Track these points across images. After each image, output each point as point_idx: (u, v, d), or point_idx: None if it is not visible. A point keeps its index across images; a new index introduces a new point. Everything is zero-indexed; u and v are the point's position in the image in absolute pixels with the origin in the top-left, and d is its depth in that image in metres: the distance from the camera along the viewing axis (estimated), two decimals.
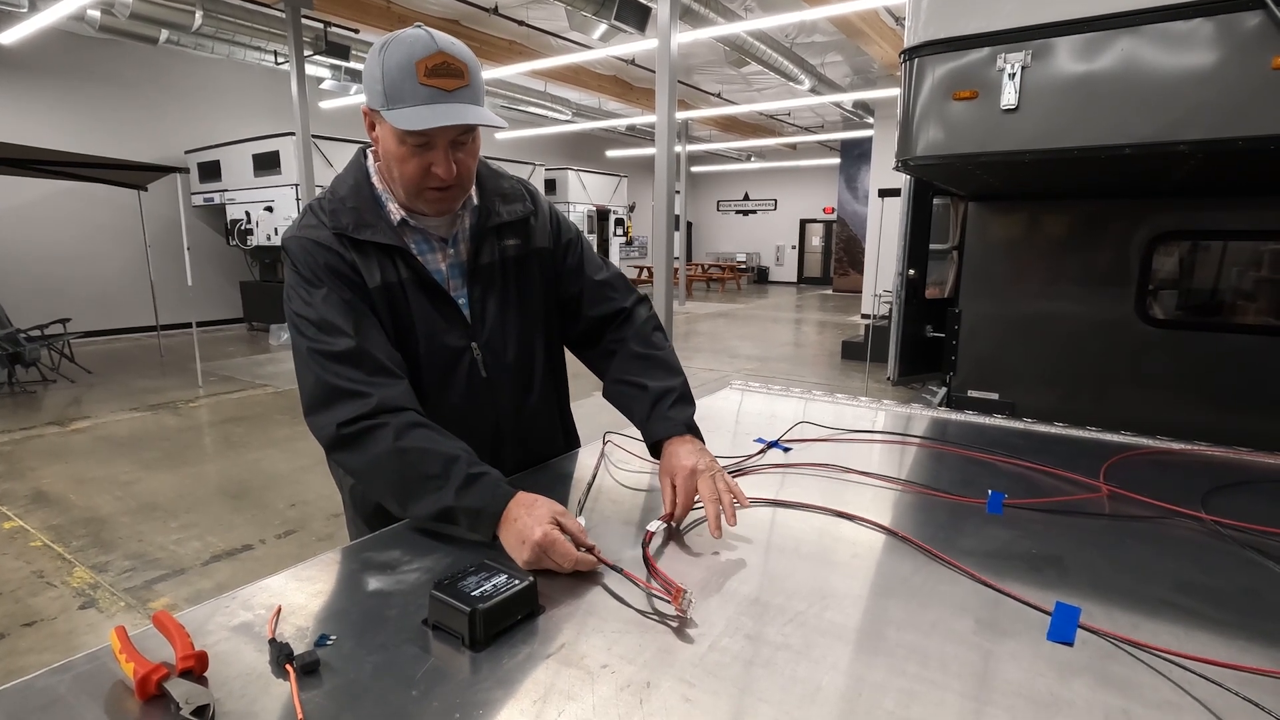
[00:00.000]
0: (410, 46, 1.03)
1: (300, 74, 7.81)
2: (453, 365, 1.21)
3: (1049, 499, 1.25)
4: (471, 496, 1.00)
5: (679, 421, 1.20)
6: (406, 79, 1.02)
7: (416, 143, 1.06)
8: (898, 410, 1.93)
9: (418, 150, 1.07)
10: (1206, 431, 1.72)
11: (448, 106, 1.03)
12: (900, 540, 1.08)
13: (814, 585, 0.95)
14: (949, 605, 0.89)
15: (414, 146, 1.06)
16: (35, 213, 9.60)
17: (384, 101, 1.04)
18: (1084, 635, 0.83)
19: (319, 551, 1.05)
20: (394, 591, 0.92)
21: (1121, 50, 1.71)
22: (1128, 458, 1.48)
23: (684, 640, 0.82)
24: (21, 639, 2.77)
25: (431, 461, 1.02)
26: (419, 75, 1.02)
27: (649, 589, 0.91)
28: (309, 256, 1.12)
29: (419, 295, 1.16)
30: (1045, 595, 0.91)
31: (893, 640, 0.82)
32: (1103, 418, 1.93)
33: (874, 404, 2.00)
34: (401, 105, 1.03)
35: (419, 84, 1.02)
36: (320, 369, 1.06)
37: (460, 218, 1.22)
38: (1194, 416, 2.50)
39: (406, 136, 1.05)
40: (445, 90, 1.03)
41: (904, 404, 2.01)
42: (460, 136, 1.08)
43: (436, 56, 1.02)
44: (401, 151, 1.07)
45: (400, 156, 1.08)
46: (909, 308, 3.49)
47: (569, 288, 1.35)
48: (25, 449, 5.23)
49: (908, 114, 2.03)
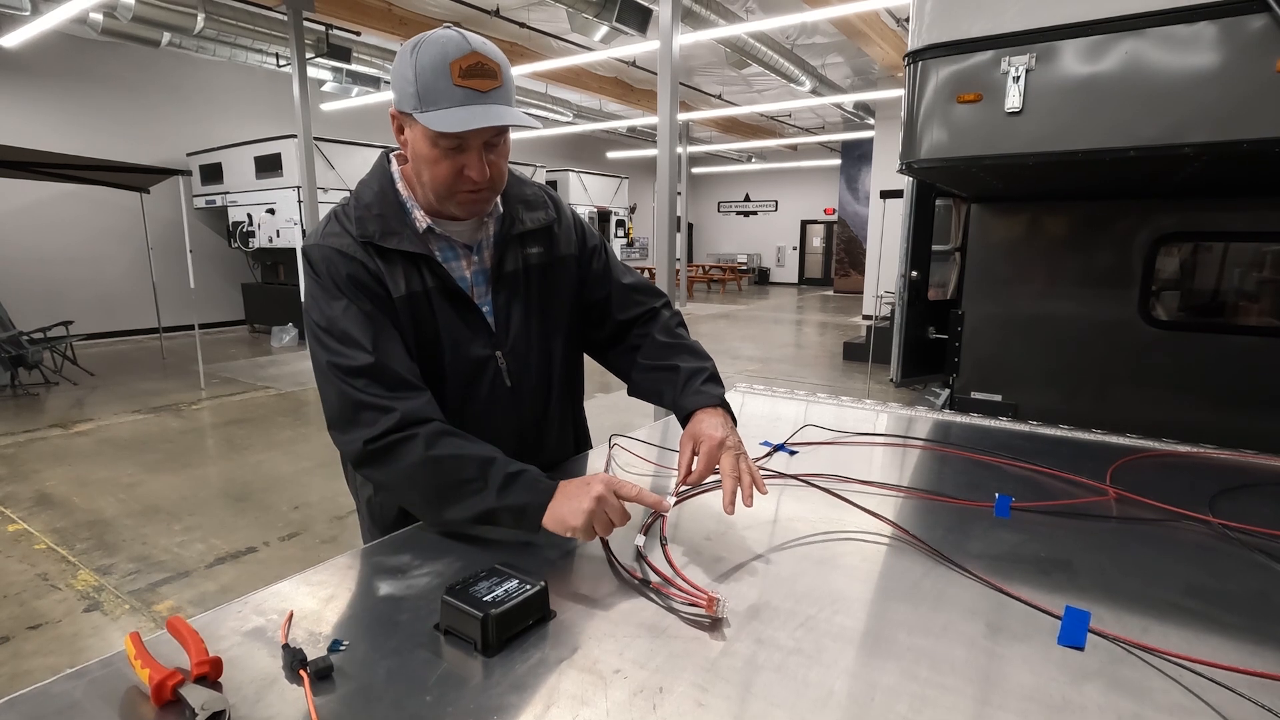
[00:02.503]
0: (443, 47, 1.01)
1: (302, 76, 7.82)
2: (477, 374, 1.20)
3: (1056, 502, 1.25)
4: (514, 495, 1.00)
5: (713, 395, 1.20)
6: (440, 80, 1.00)
7: (449, 145, 1.05)
8: (902, 413, 1.93)
9: (450, 153, 1.05)
10: (1211, 433, 1.72)
11: (484, 108, 1.02)
12: (909, 544, 1.08)
13: (823, 589, 0.95)
14: (959, 609, 0.90)
15: (446, 149, 1.05)
16: (38, 215, 9.63)
17: (417, 104, 1.03)
18: (1094, 639, 0.83)
19: (323, 554, 1.05)
20: (405, 596, 0.92)
21: (1126, 53, 1.71)
22: (1134, 460, 1.48)
23: (696, 645, 0.82)
24: (27, 642, 2.77)
25: (467, 466, 1.01)
26: (453, 76, 1.00)
27: (679, 597, 0.90)
28: (330, 266, 1.10)
29: (444, 304, 1.15)
30: (1055, 599, 0.91)
31: (904, 644, 0.82)
32: (1106, 419, 1.93)
33: (879, 407, 2.00)
34: (436, 107, 1.01)
35: (453, 85, 1.00)
36: (341, 384, 1.06)
37: (485, 224, 1.21)
38: (1198, 418, 2.50)
39: (439, 139, 1.04)
40: (480, 91, 1.02)
41: (908, 406, 2.01)
42: (493, 138, 1.07)
43: (471, 57, 1.01)
44: (434, 154, 1.06)
45: (432, 159, 1.06)
46: (911, 309, 3.49)
47: (596, 292, 1.35)
48: (28, 451, 5.24)
49: (912, 117, 2.03)
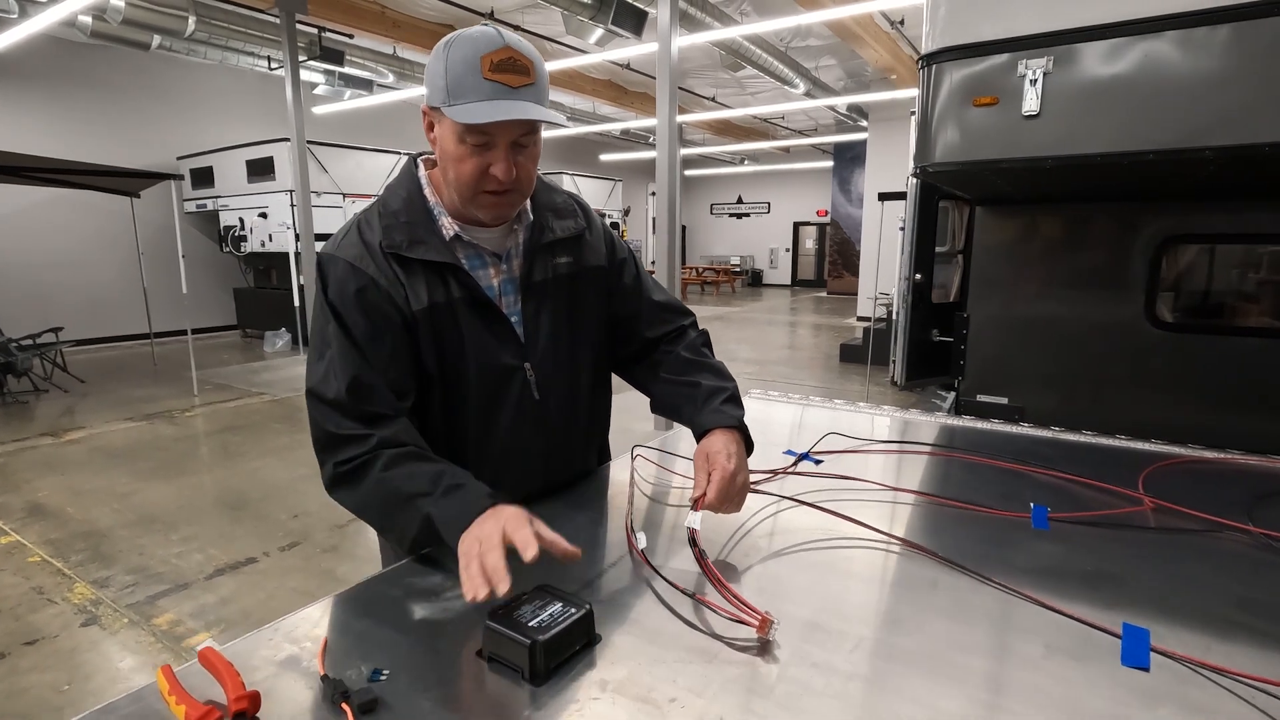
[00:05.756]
0: (476, 42, 0.99)
1: (295, 79, 7.76)
2: (505, 386, 1.17)
3: (1093, 512, 1.23)
4: (449, 504, 0.95)
5: (732, 415, 1.17)
6: (470, 74, 0.98)
7: (476, 142, 1.02)
8: (922, 419, 1.92)
9: (477, 150, 1.03)
10: (1220, 436, 1.72)
11: (511, 103, 0.99)
12: (952, 558, 1.05)
13: (871, 607, 0.92)
14: (1013, 628, 0.87)
15: (473, 146, 1.02)
16: (27, 220, 9.49)
17: (445, 97, 1.00)
18: (1158, 659, 0.81)
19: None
20: (442, 620, 0.89)
21: (1145, 56, 1.70)
22: (1163, 467, 1.47)
23: (750, 669, 0.79)
24: (23, 658, 2.71)
25: (419, 479, 0.99)
26: (484, 70, 0.98)
27: (728, 614, 0.87)
28: (339, 282, 1.07)
29: (470, 315, 1.12)
30: (1108, 615, 0.89)
31: (963, 666, 0.79)
32: (1112, 422, 1.92)
33: (899, 412, 1.98)
34: (464, 100, 0.99)
35: (483, 79, 0.98)
36: (317, 412, 1.05)
37: (514, 232, 1.18)
38: (1206, 420, 2.49)
39: (466, 135, 1.01)
40: (510, 87, 0.99)
41: (927, 412, 1.99)
42: (522, 138, 1.04)
43: (503, 51, 0.99)
44: (460, 151, 1.03)
45: (458, 156, 1.04)
46: (915, 312, 3.48)
47: (625, 307, 1.32)
48: (19, 461, 5.15)
49: (926, 120, 2.02)
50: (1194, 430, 1.83)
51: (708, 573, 0.96)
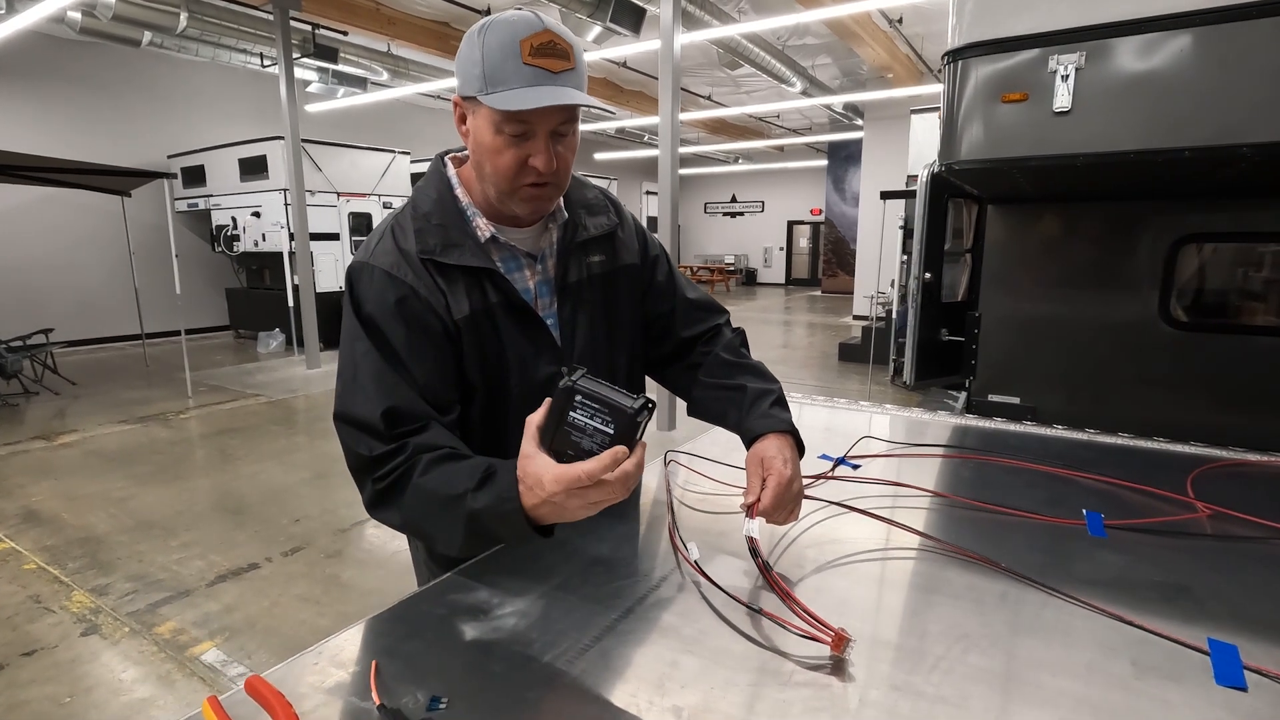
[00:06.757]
0: (513, 25, 0.94)
1: (289, 77, 7.66)
2: (544, 393, 1.12)
3: (1148, 519, 1.20)
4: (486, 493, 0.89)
5: (781, 420, 1.12)
6: (509, 59, 0.93)
7: (514, 132, 0.96)
8: (954, 422, 1.88)
9: (515, 140, 0.97)
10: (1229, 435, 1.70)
11: (554, 89, 0.94)
12: (1014, 568, 1.01)
13: (942, 624, 0.88)
14: (1095, 645, 0.83)
15: (511, 136, 0.97)
16: (15, 220, 9.34)
17: (482, 85, 0.94)
18: (1253, 677, 0.77)
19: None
20: (494, 641, 0.84)
21: (1180, 51, 1.67)
22: (1209, 470, 1.44)
23: (828, 692, 0.75)
24: (22, 670, 2.64)
25: (459, 478, 0.92)
26: (523, 54, 0.93)
27: (799, 630, 0.83)
28: (377, 293, 1.01)
29: (508, 320, 1.07)
30: (1189, 630, 0.86)
31: (1051, 688, 0.75)
32: (1126, 421, 1.89)
33: (929, 415, 1.94)
34: (502, 87, 0.93)
35: (522, 64, 0.93)
36: (350, 438, 0.99)
37: (549, 231, 1.13)
38: (1219, 420, 2.47)
39: (504, 125, 0.96)
40: (551, 72, 0.94)
41: (958, 415, 1.96)
42: (561, 126, 0.99)
43: (543, 35, 0.93)
44: (498, 142, 0.98)
45: (496, 148, 0.98)
46: (925, 311, 3.45)
47: (659, 305, 1.27)
48: (11, 465, 5.05)
49: (951, 117, 1.98)
50: (1209, 430, 1.80)
51: (774, 585, 0.92)
